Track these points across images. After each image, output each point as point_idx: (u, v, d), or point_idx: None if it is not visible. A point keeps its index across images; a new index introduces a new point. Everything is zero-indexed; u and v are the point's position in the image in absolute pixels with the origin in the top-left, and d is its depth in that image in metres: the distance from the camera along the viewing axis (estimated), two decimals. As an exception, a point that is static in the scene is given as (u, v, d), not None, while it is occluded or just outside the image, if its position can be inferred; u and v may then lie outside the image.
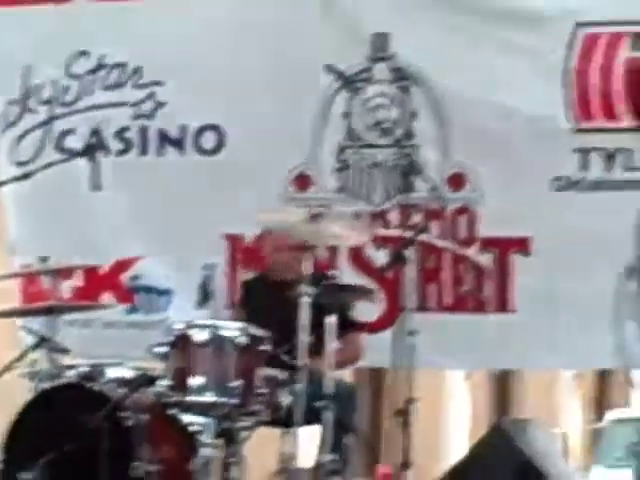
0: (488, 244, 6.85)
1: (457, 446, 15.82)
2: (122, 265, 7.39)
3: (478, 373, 15.98)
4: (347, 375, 8.13)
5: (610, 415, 16.98)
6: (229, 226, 7.14)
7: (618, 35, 6.39)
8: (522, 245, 6.73)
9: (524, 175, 6.72)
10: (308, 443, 5.71)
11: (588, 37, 6.53)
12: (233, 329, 5.46)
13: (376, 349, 6.48)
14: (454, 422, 15.97)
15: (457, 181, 6.87)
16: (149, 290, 7.37)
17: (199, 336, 5.37)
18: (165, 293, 7.31)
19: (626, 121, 6.36)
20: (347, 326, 6.15)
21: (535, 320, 6.60)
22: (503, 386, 17.37)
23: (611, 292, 6.34)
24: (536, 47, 6.68)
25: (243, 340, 5.39)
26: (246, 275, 6.98)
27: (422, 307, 6.63)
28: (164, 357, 5.45)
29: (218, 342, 5.34)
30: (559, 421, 15.00)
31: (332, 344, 5.60)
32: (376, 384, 5.98)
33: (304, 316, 5.47)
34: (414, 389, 6.02)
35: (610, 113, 6.40)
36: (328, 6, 7.05)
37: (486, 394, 17.28)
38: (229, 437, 5.40)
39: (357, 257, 7.01)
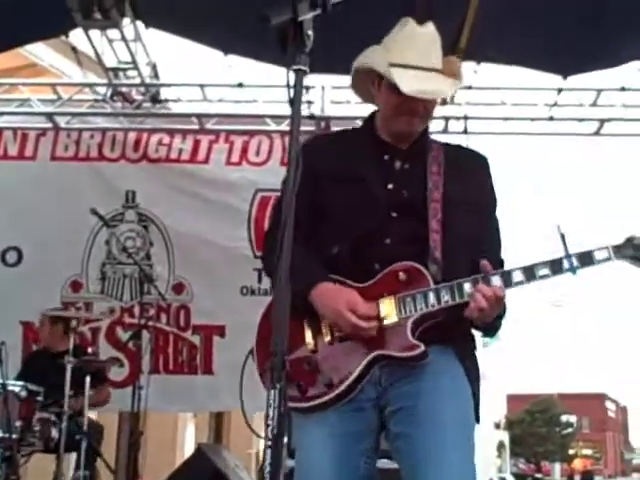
0: (198, 329, 7.00)
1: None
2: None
3: (202, 413, 15.82)
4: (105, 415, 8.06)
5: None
6: (24, 315, 6.96)
7: (281, 198, 6.74)
8: (220, 330, 6.90)
9: (222, 285, 6.91)
10: (70, 463, 5.76)
11: (263, 198, 6.89)
12: (16, 386, 5.35)
13: (121, 398, 6.46)
14: (185, 447, 15.78)
15: (178, 288, 7.04)
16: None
17: (-8, 390, 5.20)
18: (-27, 361, 7.02)
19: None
20: (103, 380, 6.31)
21: (227, 379, 6.55)
22: (218, 421, 17.36)
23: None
24: (232, 203, 6.98)
25: (23, 393, 5.32)
26: (34, 348, 6.83)
27: (154, 371, 6.66)
28: (-33, 406, 5.20)
29: (5, 395, 5.17)
30: (253, 444, 15.08)
31: (87, 395, 5.66)
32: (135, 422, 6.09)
33: (68, 377, 5.49)
34: (145, 425, 6.22)
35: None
36: (97, 172, 7.16)
37: (207, 426, 17.22)
38: (11, 462, 5.16)
39: (110, 336, 7.03)
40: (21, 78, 7.52)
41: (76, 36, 6.37)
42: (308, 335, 2.42)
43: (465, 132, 6.70)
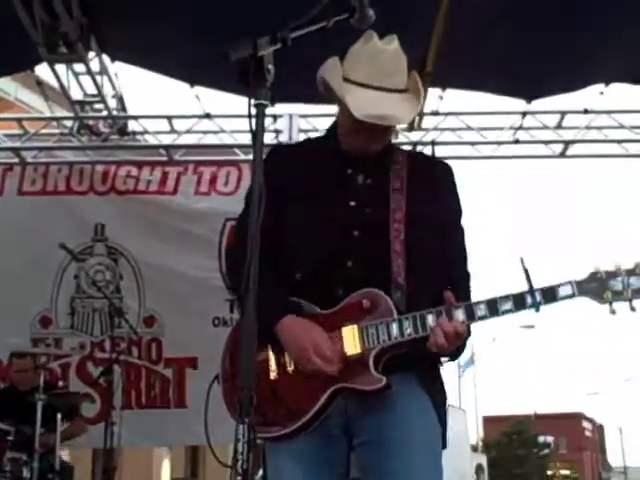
0: (170, 362, 6.95)
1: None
2: None
3: (177, 447, 15.68)
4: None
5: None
6: (-9, 353, 6.85)
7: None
8: (192, 362, 6.84)
9: (194, 316, 6.84)
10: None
11: (233, 228, 6.50)
12: (-15, 426, 5.22)
13: (94, 435, 6.36)
14: (161, 478, 15.65)
15: (149, 321, 6.98)
16: None
17: (-40, 431, 5.10)
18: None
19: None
20: (75, 414, 6.29)
21: (200, 412, 6.46)
22: (194, 455, 17.24)
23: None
24: (202, 234, 6.91)
25: (-8, 433, 5.21)
26: (1, 385, 6.74)
27: (126, 406, 6.53)
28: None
29: (-26, 435, 5.06)
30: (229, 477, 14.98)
31: (59, 432, 5.63)
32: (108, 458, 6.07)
33: (39, 414, 5.44)
34: (120, 461, 6.13)
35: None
36: (65, 205, 7.08)
37: (182, 460, 17.10)
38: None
39: (81, 371, 6.93)
40: (-14, 113, 7.48)
41: (43, 70, 6.35)
42: (272, 362, 2.40)
43: (433, 157, 6.75)
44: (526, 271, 2.30)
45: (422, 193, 2.48)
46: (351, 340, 2.34)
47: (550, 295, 2.31)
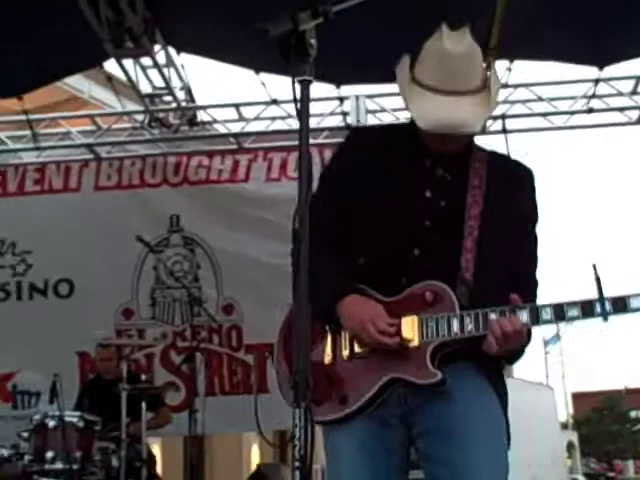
0: (251, 349, 6.97)
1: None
2: (6, 377, 7.20)
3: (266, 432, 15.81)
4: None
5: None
6: (79, 346, 7.01)
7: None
8: (273, 348, 6.89)
9: (271, 302, 6.43)
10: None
11: None
12: (73, 416, 5.36)
13: (179, 423, 6.40)
14: (251, 466, 15.74)
15: (228, 309, 7.04)
16: (25, 393, 7.15)
17: (50, 423, 5.25)
18: (36, 394, 7.08)
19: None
20: (160, 404, 6.38)
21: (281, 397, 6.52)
22: (282, 439, 17.29)
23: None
24: (274, 220, 6.82)
25: (81, 424, 5.33)
26: (90, 376, 6.90)
27: (210, 393, 6.68)
28: (27, 439, 5.30)
29: (63, 426, 5.20)
30: (318, 460, 14.96)
31: (144, 422, 5.68)
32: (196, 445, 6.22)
33: (124, 404, 5.53)
34: (211, 446, 6.17)
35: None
36: (140, 198, 7.22)
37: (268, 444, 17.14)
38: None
39: (164, 360, 7.06)
40: (63, 112, 7.60)
41: (112, 65, 6.42)
42: (327, 346, 2.38)
43: (504, 131, 6.59)
44: (598, 279, 2.20)
45: (500, 194, 2.41)
46: (410, 331, 2.29)
47: (621, 306, 2.20)
